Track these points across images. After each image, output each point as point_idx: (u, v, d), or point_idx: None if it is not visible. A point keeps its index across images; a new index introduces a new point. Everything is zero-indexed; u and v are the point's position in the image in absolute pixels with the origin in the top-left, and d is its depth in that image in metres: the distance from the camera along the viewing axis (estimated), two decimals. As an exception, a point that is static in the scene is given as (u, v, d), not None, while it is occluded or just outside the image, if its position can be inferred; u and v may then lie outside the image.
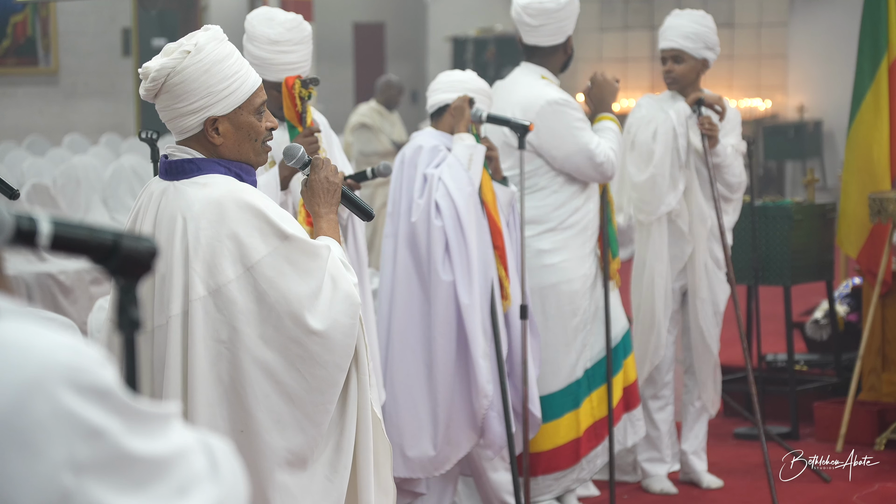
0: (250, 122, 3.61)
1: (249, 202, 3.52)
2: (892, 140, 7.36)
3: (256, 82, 3.63)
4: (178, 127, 3.59)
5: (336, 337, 3.56)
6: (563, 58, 6.21)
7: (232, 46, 3.63)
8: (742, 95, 16.65)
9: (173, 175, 3.60)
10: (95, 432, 1.51)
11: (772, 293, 8.28)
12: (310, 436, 3.57)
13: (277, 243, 3.51)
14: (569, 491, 6.18)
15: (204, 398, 3.49)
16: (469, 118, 5.61)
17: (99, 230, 1.68)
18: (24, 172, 11.97)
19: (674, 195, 6.40)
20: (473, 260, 5.51)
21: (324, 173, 3.85)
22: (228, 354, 3.50)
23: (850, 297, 8.12)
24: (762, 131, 16.27)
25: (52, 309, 8.54)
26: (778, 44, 16.69)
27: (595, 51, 17.56)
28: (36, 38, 15.86)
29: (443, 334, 5.54)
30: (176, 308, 3.50)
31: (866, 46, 7.40)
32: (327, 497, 3.63)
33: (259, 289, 3.50)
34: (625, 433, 6.28)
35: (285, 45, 4.90)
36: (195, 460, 1.63)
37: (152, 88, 3.56)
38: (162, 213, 3.57)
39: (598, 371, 6.16)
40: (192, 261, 3.49)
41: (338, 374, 3.59)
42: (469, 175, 5.51)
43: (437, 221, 5.50)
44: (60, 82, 16.19)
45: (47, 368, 1.50)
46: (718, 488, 6.59)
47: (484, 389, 5.55)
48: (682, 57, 6.45)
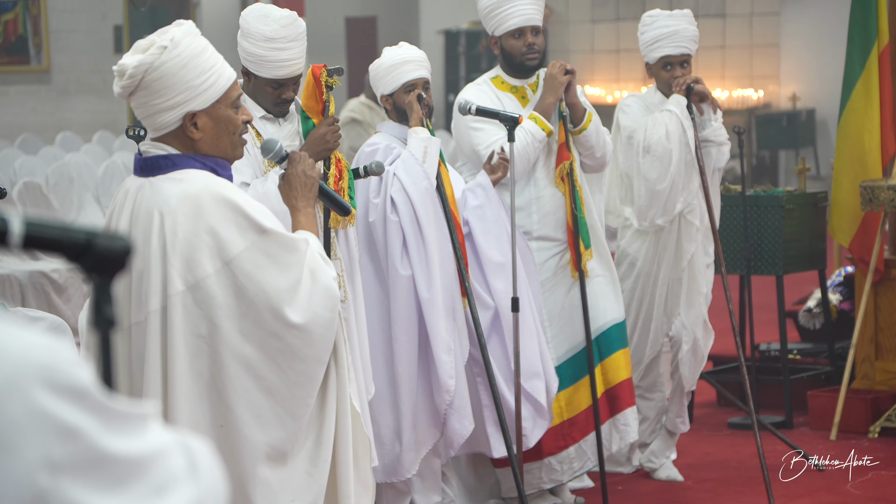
0: (228, 116, 3.61)
1: (226, 197, 3.52)
2: (882, 128, 7.35)
3: (232, 76, 3.64)
4: (155, 123, 3.58)
5: (316, 330, 3.55)
6: (500, 56, 6.15)
7: (206, 41, 3.62)
8: (735, 85, 16.65)
9: (149, 171, 3.59)
10: (71, 432, 1.51)
11: (764, 283, 8.27)
12: (290, 430, 3.57)
13: (255, 237, 3.51)
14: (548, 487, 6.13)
15: (184, 394, 3.48)
16: (419, 112, 5.57)
17: (72, 229, 1.67)
18: (17, 171, 11.96)
19: (688, 192, 6.39)
20: (433, 254, 5.46)
21: (301, 167, 3.85)
22: (208, 349, 3.50)
23: (842, 286, 8.13)
24: (755, 121, 16.27)
25: (45, 307, 8.53)
26: (770, 33, 16.68)
27: (587, 42, 17.55)
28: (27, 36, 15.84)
29: (404, 331, 5.48)
30: (154, 304, 3.50)
31: (856, 35, 7.40)
32: (307, 491, 3.63)
33: (238, 283, 3.49)
34: (609, 438, 6.15)
35: (280, 42, 4.90)
36: (173, 460, 1.62)
37: (129, 86, 3.55)
38: (138, 210, 3.56)
39: (567, 371, 6.06)
40: (170, 256, 3.48)
41: (317, 367, 3.59)
42: (424, 169, 5.49)
43: (392, 217, 5.45)
44: (52, 80, 16.18)
45: (21, 368, 1.50)
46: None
47: (446, 385, 5.49)
48: (688, 61, 6.47)
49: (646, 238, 6.54)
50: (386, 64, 5.64)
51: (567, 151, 6.03)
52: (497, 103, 6.03)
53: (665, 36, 6.45)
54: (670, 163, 6.32)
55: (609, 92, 17.14)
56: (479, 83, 6.20)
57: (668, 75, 6.47)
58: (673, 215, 6.40)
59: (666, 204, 6.37)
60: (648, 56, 6.53)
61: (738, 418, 7.52)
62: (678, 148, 6.33)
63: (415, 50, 5.69)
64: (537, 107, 6.04)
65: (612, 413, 6.15)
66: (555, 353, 6.06)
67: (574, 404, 6.08)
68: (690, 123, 6.33)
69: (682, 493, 6.46)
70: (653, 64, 6.52)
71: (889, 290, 7.35)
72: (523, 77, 6.17)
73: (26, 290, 9.12)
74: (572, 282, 6.11)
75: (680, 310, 6.55)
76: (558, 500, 6.21)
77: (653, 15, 6.53)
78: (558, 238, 6.09)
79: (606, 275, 6.19)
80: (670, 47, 6.45)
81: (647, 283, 6.56)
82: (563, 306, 6.11)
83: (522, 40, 6.05)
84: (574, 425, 6.08)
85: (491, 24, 6.09)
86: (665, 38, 6.45)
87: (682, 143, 6.34)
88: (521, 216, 6.03)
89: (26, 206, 10.09)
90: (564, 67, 6.04)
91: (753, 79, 16.76)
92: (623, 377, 6.16)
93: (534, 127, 5.96)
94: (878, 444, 6.99)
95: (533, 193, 6.06)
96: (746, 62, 16.78)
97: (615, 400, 6.14)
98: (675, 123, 6.33)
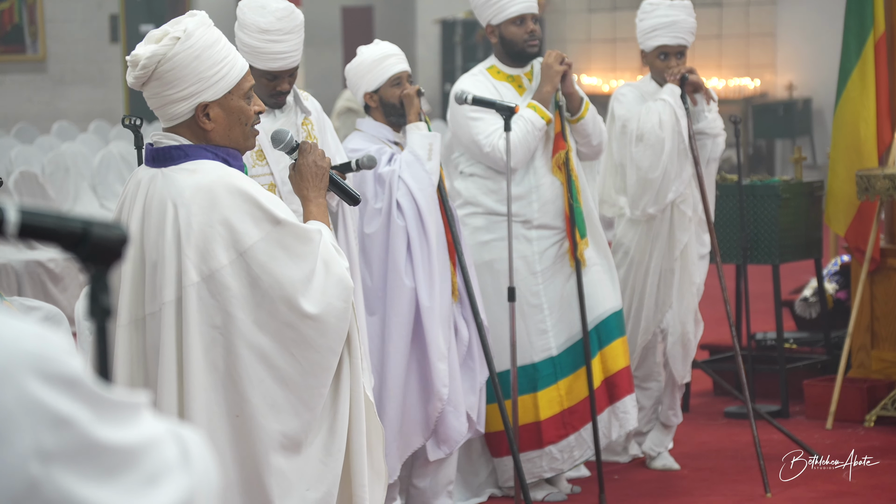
0: (240, 107, 3.62)
1: (240, 187, 3.53)
2: (878, 117, 7.35)
3: (244, 66, 3.65)
4: (167, 114, 3.59)
5: (330, 321, 3.57)
6: (498, 45, 6.15)
7: (219, 31, 3.63)
8: (731, 74, 16.64)
9: (161, 162, 3.60)
10: (63, 421, 1.51)
11: (760, 272, 8.28)
12: (304, 419, 3.59)
13: (269, 228, 3.52)
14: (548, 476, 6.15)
15: (199, 384, 3.50)
16: (419, 107, 5.56)
17: (68, 218, 1.67)
18: (13, 160, 11.96)
19: (680, 182, 6.39)
20: (435, 262, 5.47)
21: (311, 157, 3.86)
22: (223, 340, 3.51)
23: (838, 275, 8.13)
24: (751, 110, 16.26)
25: (41, 297, 8.53)
26: (766, 22, 16.67)
27: (583, 32, 17.54)
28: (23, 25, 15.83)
29: (401, 336, 5.46)
30: (169, 295, 3.51)
31: (852, 23, 7.40)
32: (322, 480, 3.64)
33: (252, 274, 3.51)
34: (609, 426, 6.16)
35: (276, 34, 4.88)
36: (166, 450, 1.62)
37: (142, 76, 3.55)
38: (151, 201, 3.57)
39: (567, 359, 6.08)
40: (185, 247, 3.49)
41: (331, 357, 3.61)
42: (427, 170, 5.48)
43: (399, 221, 5.44)
44: (48, 70, 16.17)
45: (14, 357, 1.50)
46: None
47: (439, 393, 5.50)
48: (684, 52, 6.47)
49: (639, 227, 6.55)
50: (368, 60, 5.62)
51: (563, 141, 6.03)
52: (495, 93, 6.03)
53: (663, 25, 6.44)
54: (662, 151, 6.32)
55: (605, 81, 17.13)
56: (474, 73, 6.19)
57: (663, 65, 6.46)
58: (664, 204, 6.40)
59: (658, 193, 6.37)
60: (645, 44, 6.52)
61: (735, 407, 7.53)
62: (671, 137, 6.33)
63: (392, 45, 5.69)
64: (535, 95, 6.04)
65: (611, 401, 6.15)
66: (554, 342, 6.07)
67: (574, 393, 6.09)
68: (684, 113, 6.33)
69: (677, 481, 6.46)
70: (648, 52, 6.52)
71: (885, 279, 7.36)
72: (520, 65, 6.16)
73: (22, 279, 9.13)
74: (571, 271, 6.11)
75: (672, 300, 6.55)
76: (554, 489, 6.21)
77: (653, 3, 6.52)
78: (558, 226, 6.09)
79: (603, 263, 6.19)
80: (667, 37, 6.44)
81: (639, 272, 6.56)
82: (563, 295, 6.11)
83: (524, 28, 6.05)
84: (574, 414, 6.08)
85: (489, 12, 6.07)
86: (663, 27, 6.45)
87: (674, 132, 6.34)
88: (520, 205, 6.03)
89: (22, 196, 10.09)
90: (561, 57, 6.04)
91: (750, 68, 16.75)
92: (622, 365, 6.17)
93: (533, 115, 5.95)
94: (873, 433, 7.00)
95: (532, 182, 6.06)
96: (743, 51, 16.77)
97: (614, 388, 6.15)
98: (668, 112, 6.33)
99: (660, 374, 6.74)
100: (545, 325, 6.05)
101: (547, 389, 6.05)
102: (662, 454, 6.65)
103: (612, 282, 6.21)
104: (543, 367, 6.05)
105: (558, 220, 6.09)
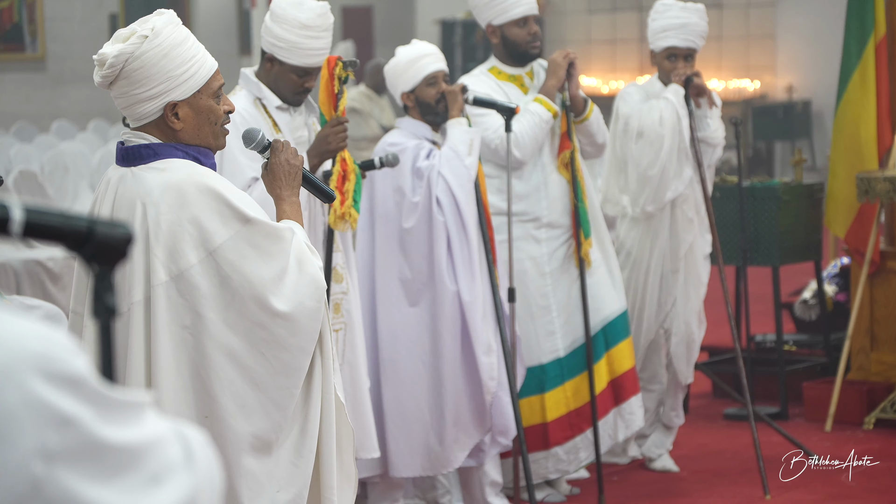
0: (210, 106, 3.59)
1: (210, 186, 3.50)
2: (879, 119, 7.36)
3: (213, 66, 3.62)
4: (135, 113, 3.56)
5: (301, 320, 3.54)
6: (499, 45, 6.15)
7: (187, 30, 3.59)
8: (731, 76, 16.64)
9: (130, 161, 3.57)
10: (66, 420, 1.50)
11: (760, 274, 8.27)
12: (275, 420, 3.56)
13: (239, 227, 3.49)
14: (553, 477, 6.15)
15: (168, 385, 3.47)
16: (462, 103, 5.60)
17: (73, 217, 1.66)
18: (12, 159, 11.95)
19: (680, 181, 6.38)
20: (475, 256, 5.51)
21: (284, 156, 3.81)
22: (192, 340, 3.48)
23: (838, 277, 8.13)
24: (751, 112, 16.25)
25: (40, 296, 8.52)
26: (766, 24, 16.66)
27: (583, 33, 17.53)
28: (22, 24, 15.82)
29: (450, 333, 5.51)
30: (138, 294, 3.48)
31: (853, 26, 7.40)
32: (293, 481, 3.61)
33: (222, 273, 3.48)
34: (614, 427, 6.16)
35: (315, 30, 4.88)
36: (169, 449, 1.62)
37: (109, 75, 3.52)
38: (120, 200, 3.54)
39: (574, 361, 6.08)
40: (153, 246, 3.47)
41: (303, 357, 3.58)
42: (466, 165, 5.48)
43: (439, 217, 5.47)
44: (48, 68, 16.16)
45: (17, 356, 1.49)
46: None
47: (486, 385, 5.56)
48: (693, 55, 6.46)
49: (640, 226, 6.55)
50: (404, 60, 5.66)
51: (568, 140, 6.04)
52: (500, 93, 6.03)
53: (675, 27, 6.45)
54: (661, 148, 6.33)
55: (605, 82, 17.12)
56: (476, 74, 6.19)
57: (670, 66, 6.47)
58: (663, 203, 6.40)
59: (656, 190, 6.38)
60: (655, 44, 6.53)
61: (734, 409, 7.53)
62: (670, 135, 6.33)
63: (430, 45, 5.72)
64: (540, 90, 6.06)
65: (617, 402, 6.16)
66: (562, 344, 6.08)
67: (581, 394, 6.10)
68: (686, 113, 6.33)
69: (677, 483, 6.46)
70: (657, 52, 6.52)
71: (884, 281, 7.36)
72: (521, 66, 6.16)
73: (21, 278, 9.11)
74: (578, 272, 6.12)
75: (677, 301, 6.55)
76: (552, 490, 6.21)
77: (666, 3, 6.52)
78: (565, 224, 6.10)
79: (607, 264, 6.20)
80: (678, 39, 6.45)
81: (640, 271, 6.56)
82: (570, 297, 6.11)
83: (527, 29, 6.06)
84: (581, 415, 6.09)
85: (491, 12, 6.07)
86: (674, 28, 6.45)
87: (675, 130, 6.34)
88: (529, 202, 6.03)
89: (21, 195, 10.08)
90: (570, 57, 6.06)
91: (750, 70, 16.75)
92: (628, 366, 6.18)
93: (539, 108, 5.97)
94: (873, 436, 7.00)
95: (540, 178, 6.07)
96: (743, 53, 16.76)
97: (620, 389, 6.16)
98: (670, 110, 6.34)
99: (663, 376, 6.74)
100: (553, 326, 6.06)
101: (554, 391, 6.06)
102: (662, 456, 6.64)
103: (616, 283, 6.22)
104: (551, 369, 6.06)
105: (565, 218, 6.10)
